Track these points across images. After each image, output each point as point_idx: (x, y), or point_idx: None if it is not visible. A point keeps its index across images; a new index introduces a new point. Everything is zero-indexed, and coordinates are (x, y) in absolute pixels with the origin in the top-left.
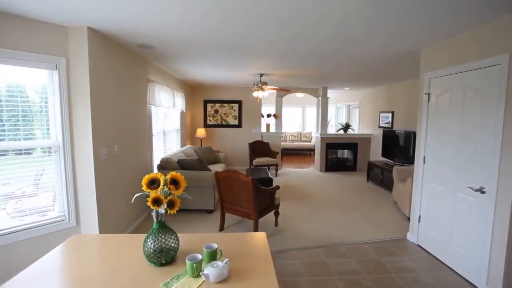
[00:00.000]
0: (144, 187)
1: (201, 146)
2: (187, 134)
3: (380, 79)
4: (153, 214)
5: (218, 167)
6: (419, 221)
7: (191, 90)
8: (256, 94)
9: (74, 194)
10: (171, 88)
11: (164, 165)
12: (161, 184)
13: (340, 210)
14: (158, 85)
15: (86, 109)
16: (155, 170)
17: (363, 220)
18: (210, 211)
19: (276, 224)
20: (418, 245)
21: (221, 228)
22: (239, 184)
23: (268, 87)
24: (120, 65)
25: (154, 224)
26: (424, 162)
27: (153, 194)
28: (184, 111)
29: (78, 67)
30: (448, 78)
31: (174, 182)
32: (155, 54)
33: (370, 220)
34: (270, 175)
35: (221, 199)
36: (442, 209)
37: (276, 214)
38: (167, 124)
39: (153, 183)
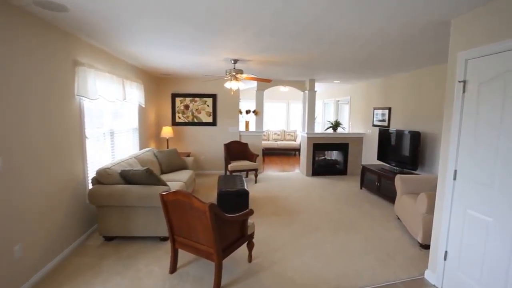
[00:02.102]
0: None
1: (168, 148)
2: (151, 134)
3: (380, 68)
4: None
5: (183, 176)
6: (445, 259)
7: (156, 81)
8: (229, 85)
9: None
10: (119, 76)
11: (102, 179)
12: None
13: (334, 231)
14: (95, 70)
15: None
16: (89, 185)
17: (364, 248)
18: (164, 239)
19: (250, 260)
20: None
21: (173, 270)
22: (193, 213)
23: (244, 75)
24: (9, 35)
25: None
26: (454, 178)
27: None
28: (144, 106)
29: None
30: (501, 57)
31: None
32: (77, 22)
33: (373, 247)
34: (246, 186)
35: (170, 230)
36: (487, 249)
37: (250, 246)
38: (117, 122)
39: None
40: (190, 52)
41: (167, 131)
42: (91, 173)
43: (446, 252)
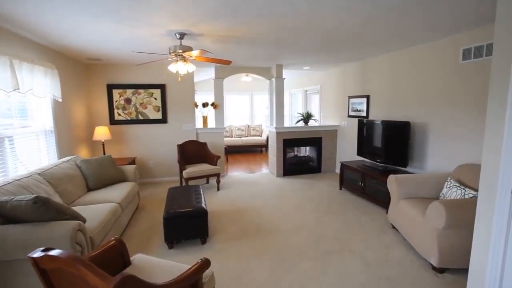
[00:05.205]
0: None
1: (104, 154)
2: (79, 138)
3: (366, 46)
4: None
5: (118, 192)
6: None
7: (83, 69)
8: (175, 67)
9: None
10: (4, 55)
11: None
12: None
13: (323, 256)
14: None
15: None
16: None
17: (365, 279)
18: None
19: None
20: None
21: None
22: None
23: (194, 52)
24: None
25: None
26: None
27: None
28: (61, 100)
29: None
30: None
31: None
32: None
33: (375, 277)
34: (204, 201)
35: None
36: None
37: None
38: (12, 123)
39: None
40: (112, 18)
41: (101, 132)
42: None
43: None
